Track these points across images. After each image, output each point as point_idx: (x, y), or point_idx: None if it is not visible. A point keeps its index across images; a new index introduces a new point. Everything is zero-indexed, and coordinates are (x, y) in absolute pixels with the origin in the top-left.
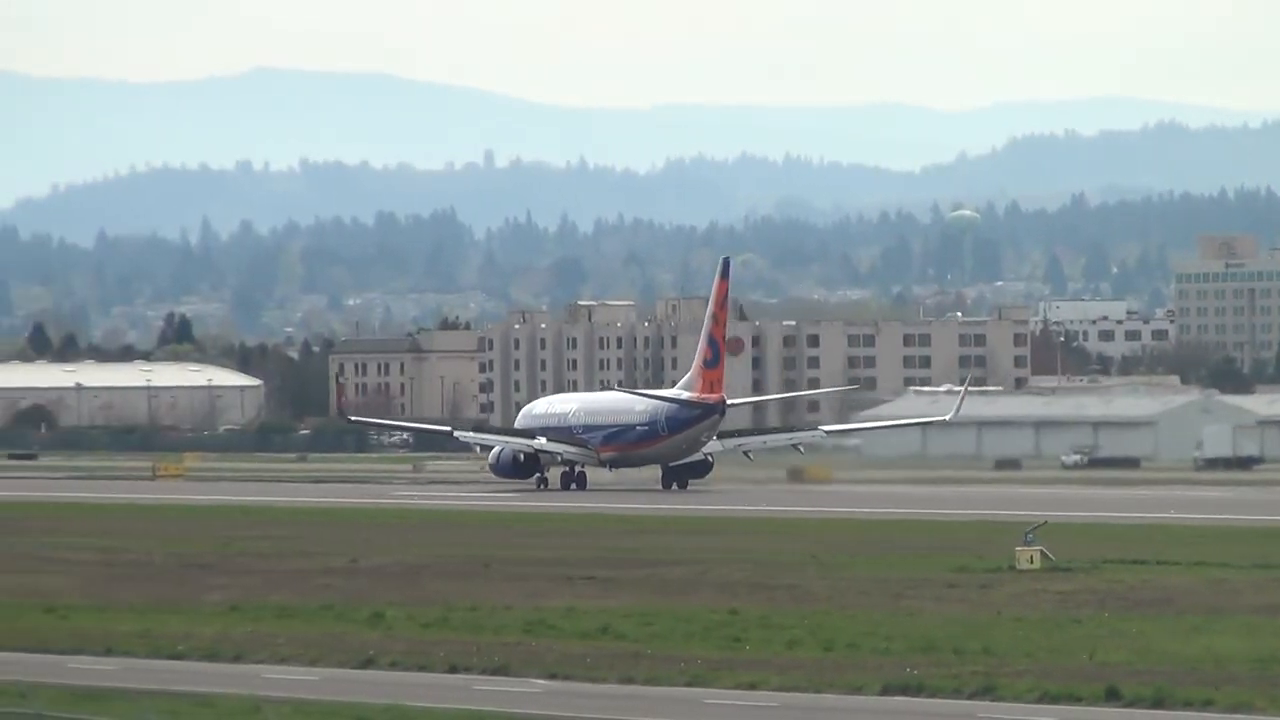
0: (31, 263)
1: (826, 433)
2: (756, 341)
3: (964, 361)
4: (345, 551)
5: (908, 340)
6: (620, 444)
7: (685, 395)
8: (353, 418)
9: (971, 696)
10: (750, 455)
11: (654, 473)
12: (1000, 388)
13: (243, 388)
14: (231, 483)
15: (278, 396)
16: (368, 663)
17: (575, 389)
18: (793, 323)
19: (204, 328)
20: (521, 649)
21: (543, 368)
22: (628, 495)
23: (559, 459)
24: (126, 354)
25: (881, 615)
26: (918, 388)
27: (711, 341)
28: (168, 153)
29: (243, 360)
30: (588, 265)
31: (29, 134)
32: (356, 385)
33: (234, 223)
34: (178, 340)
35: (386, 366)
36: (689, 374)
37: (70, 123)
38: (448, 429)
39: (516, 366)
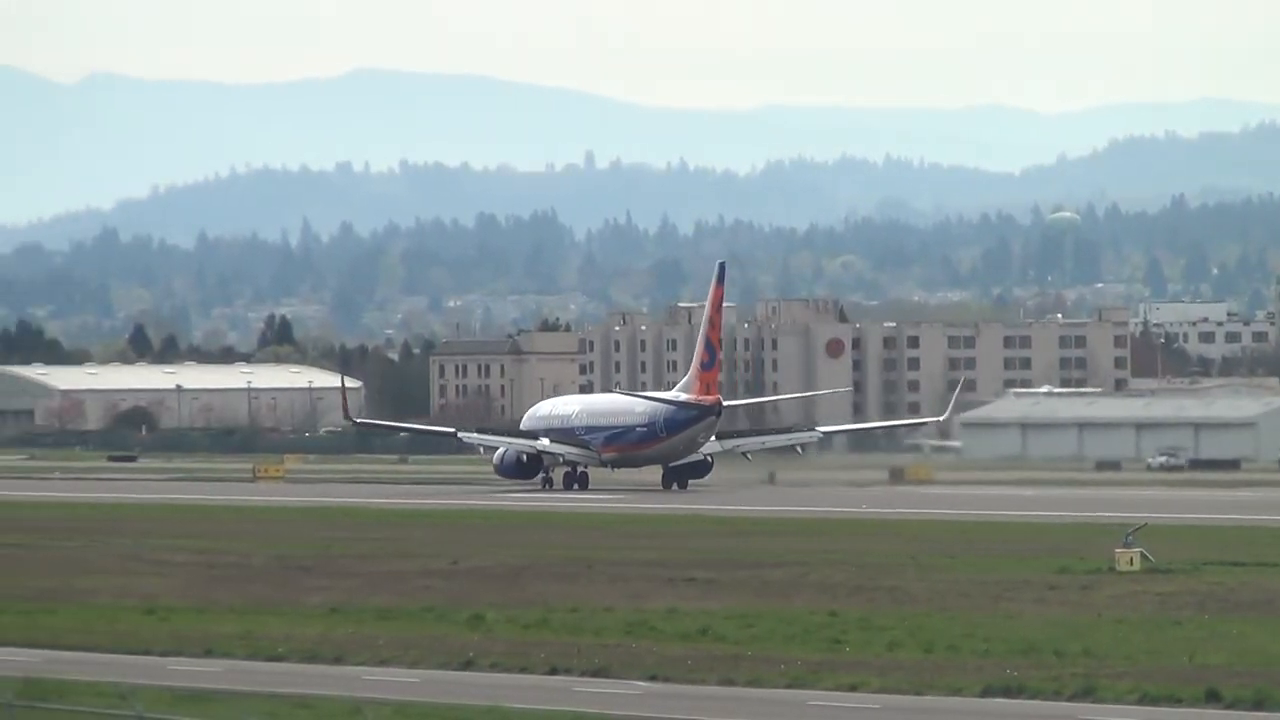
0: (132, 264)
1: (824, 433)
2: (857, 343)
3: (1064, 363)
4: (446, 553)
5: (1008, 342)
6: (621, 445)
7: (683, 397)
8: (358, 420)
9: (1072, 698)
10: (748, 456)
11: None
12: (1100, 389)
13: (344, 389)
14: (332, 484)
15: (378, 398)
16: (468, 664)
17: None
18: (893, 324)
19: (304, 329)
20: (622, 650)
21: (643, 369)
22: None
23: (561, 460)
24: (227, 356)
25: (982, 617)
26: (1017, 389)
27: (708, 345)
28: (268, 154)
29: (343, 362)
30: (687, 267)
31: (130, 136)
32: (457, 387)
33: (334, 224)
34: (278, 342)
35: (486, 368)
36: (687, 376)
37: (171, 124)
38: (451, 430)
39: (617, 368)
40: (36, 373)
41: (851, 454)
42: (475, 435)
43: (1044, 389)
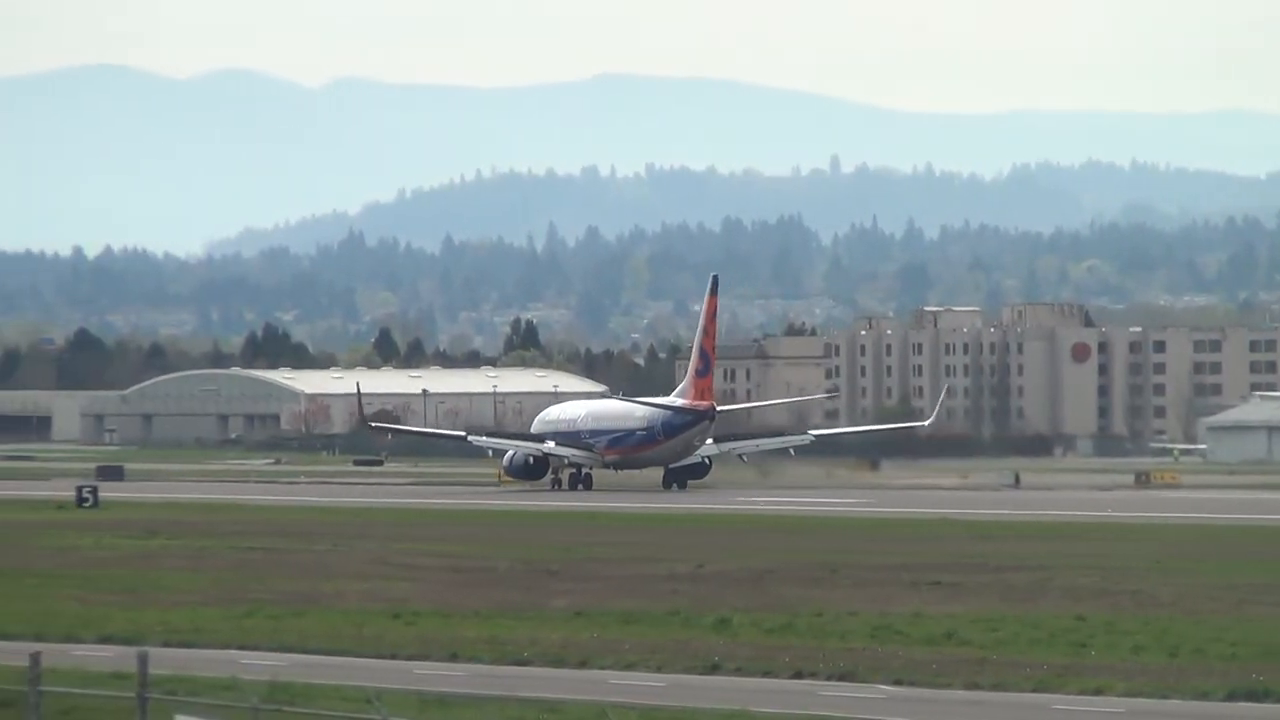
0: (378, 268)
1: (816, 436)
2: (1102, 348)
3: None
4: (691, 557)
5: (1254, 346)
6: (622, 448)
7: (679, 402)
8: (373, 424)
9: None
10: (744, 458)
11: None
12: None
13: (589, 394)
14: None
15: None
16: (713, 668)
17: (921, 396)
18: (1138, 329)
19: (550, 333)
20: (867, 655)
21: (888, 374)
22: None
23: (566, 461)
24: (472, 359)
25: (1227, 620)
26: (1263, 393)
27: (702, 353)
28: (514, 158)
29: (588, 366)
30: (933, 271)
31: (376, 140)
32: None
33: (580, 228)
34: (523, 346)
35: (732, 372)
36: (683, 383)
37: (417, 128)
38: (462, 434)
39: (862, 373)
40: (283, 376)
41: (1097, 458)
42: (485, 439)
43: None
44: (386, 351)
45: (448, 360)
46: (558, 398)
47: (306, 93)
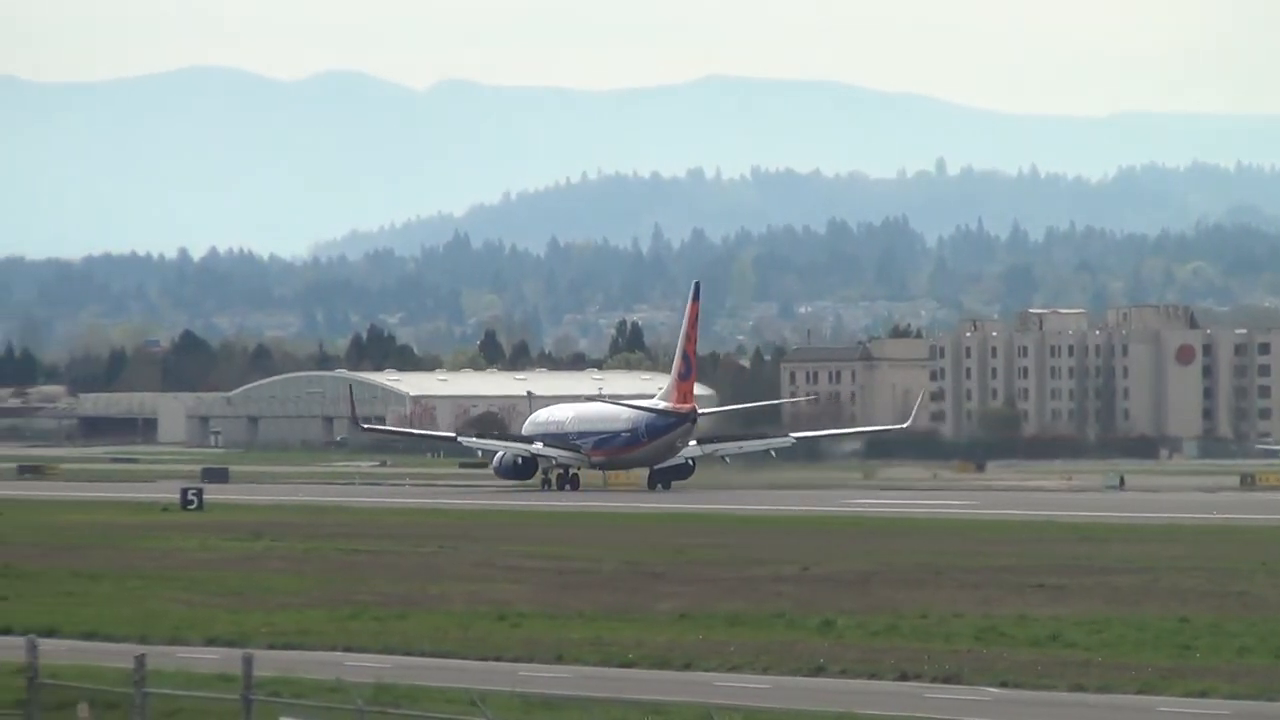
0: (483, 270)
1: (797, 439)
2: (1207, 350)
3: None
4: (797, 559)
5: None
6: (608, 449)
7: (662, 405)
8: (365, 426)
9: None
10: (727, 459)
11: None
12: None
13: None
14: (682, 491)
15: (728, 405)
16: (818, 670)
17: (1026, 398)
18: (1244, 331)
19: (655, 335)
20: (972, 657)
21: (993, 376)
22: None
23: (554, 462)
24: (577, 362)
25: None
26: None
27: (685, 357)
28: (619, 160)
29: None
30: (1038, 273)
31: (481, 142)
32: (807, 394)
33: (685, 230)
34: (629, 348)
35: (837, 374)
36: (666, 386)
37: (522, 130)
38: (452, 435)
39: (968, 375)
40: (388, 379)
41: (1201, 460)
42: (475, 439)
43: None
44: (492, 354)
45: (553, 362)
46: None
47: (413, 95)
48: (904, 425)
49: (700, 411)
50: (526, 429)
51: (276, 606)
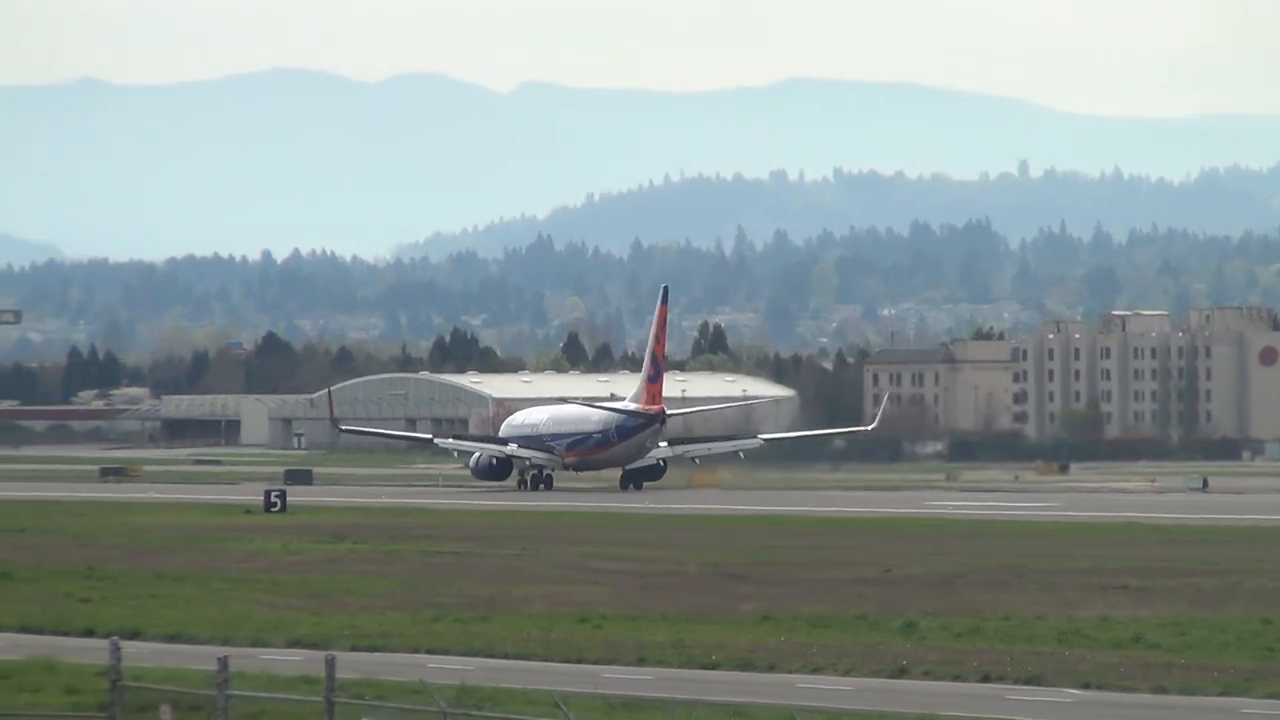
0: (566, 272)
1: (765, 440)
2: None
3: None
4: (879, 561)
5: None
6: (581, 450)
7: (633, 407)
8: (343, 427)
9: None
10: (697, 460)
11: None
12: None
13: (777, 399)
14: (764, 492)
15: (811, 407)
16: (901, 672)
17: (1109, 400)
18: None
19: (737, 337)
20: (1054, 659)
21: (1076, 378)
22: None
23: (528, 463)
24: None
25: None
26: None
27: (653, 360)
28: (702, 162)
29: (776, 370)
30: (1121, 275)
31: (564, 144)
32: (891, 395)
33: (768, 232)
34: (711, 350)
35: (920, 377)
36: (636, 388)
37: (605, 132)
38: (429, 437)
39: (1050, 377)
40: (471, 381)
41: None
42: (451, 441)
43: None
44: (574, 356)
45: (635, 365)
46: (746, 402)
47: (495, 97)
48: (869, 428)
49: (668, 413)
50: (503, 431)
51: (359, 609)
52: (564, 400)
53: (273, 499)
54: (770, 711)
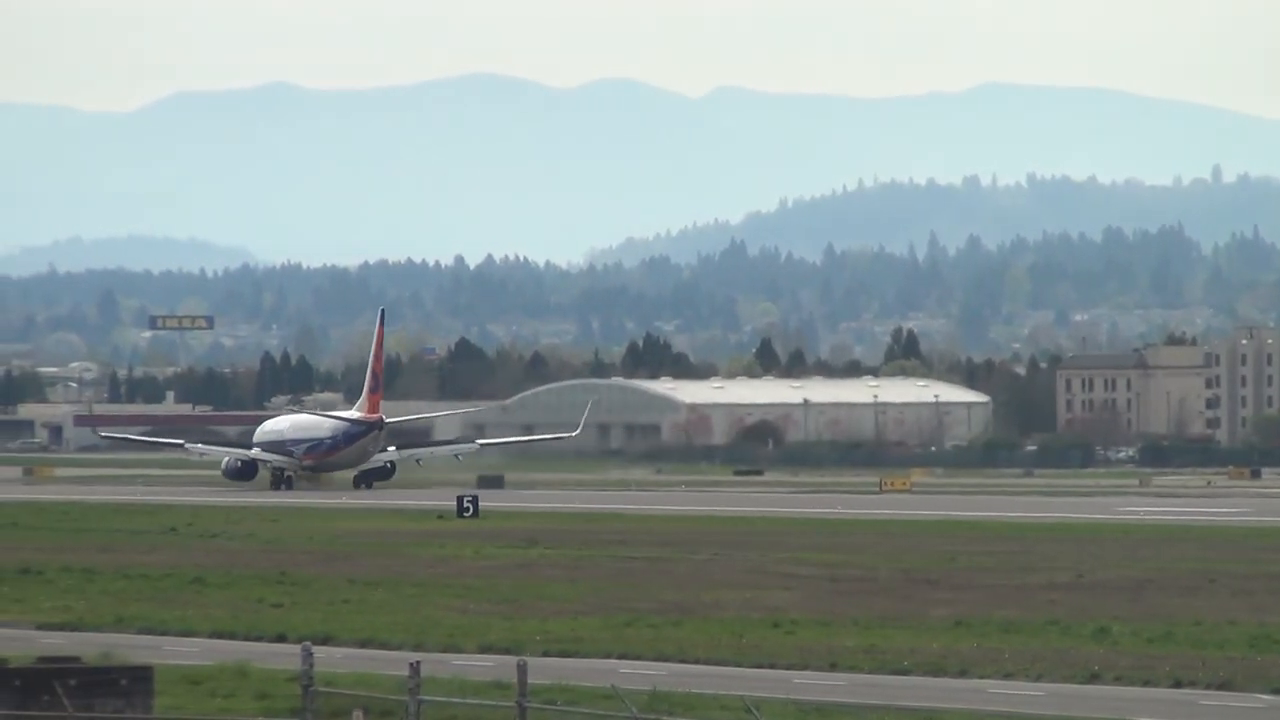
0: (759, 277)
1: (481, 445)
2: None
3: None
4: (1070, 566)
5: None
6: (316, 454)
7: (356, 415)
8: (103, 434)
9: None
10: (420, 462)
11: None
12: None
13: (970, 404)
14: (957, 497)
15: (1004, 412)
16: (1092, 678)
17: None
18: None
19: (930, 343)
20: (1246, 664)
21: (1269, 383)
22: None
23: (269, 465)
24: (853, 370)
25: None
26: None
27: (373, 374)
28: (895, 168)
29: (969, 376)
30: None
31: (756, 149)
32: (1083, 401)
33: (961, 238)
34: (904, 356)
35: (1113, 382)
36: (361, 398)
37: (797, 137)
38: (179, 442)
39: (1243, 382)
40: (664, 387)
41: None
42: (200, 445)
43: None
44: (767, 361)
45: (828, 370)
46: (939, 408)
47: (688, 102)
48: (573, 434)
49: (386, 420)
50: (255, 437)
51: (550, 614)
52: (754, 405)
53: (465, 504)
54: (962, 717)
